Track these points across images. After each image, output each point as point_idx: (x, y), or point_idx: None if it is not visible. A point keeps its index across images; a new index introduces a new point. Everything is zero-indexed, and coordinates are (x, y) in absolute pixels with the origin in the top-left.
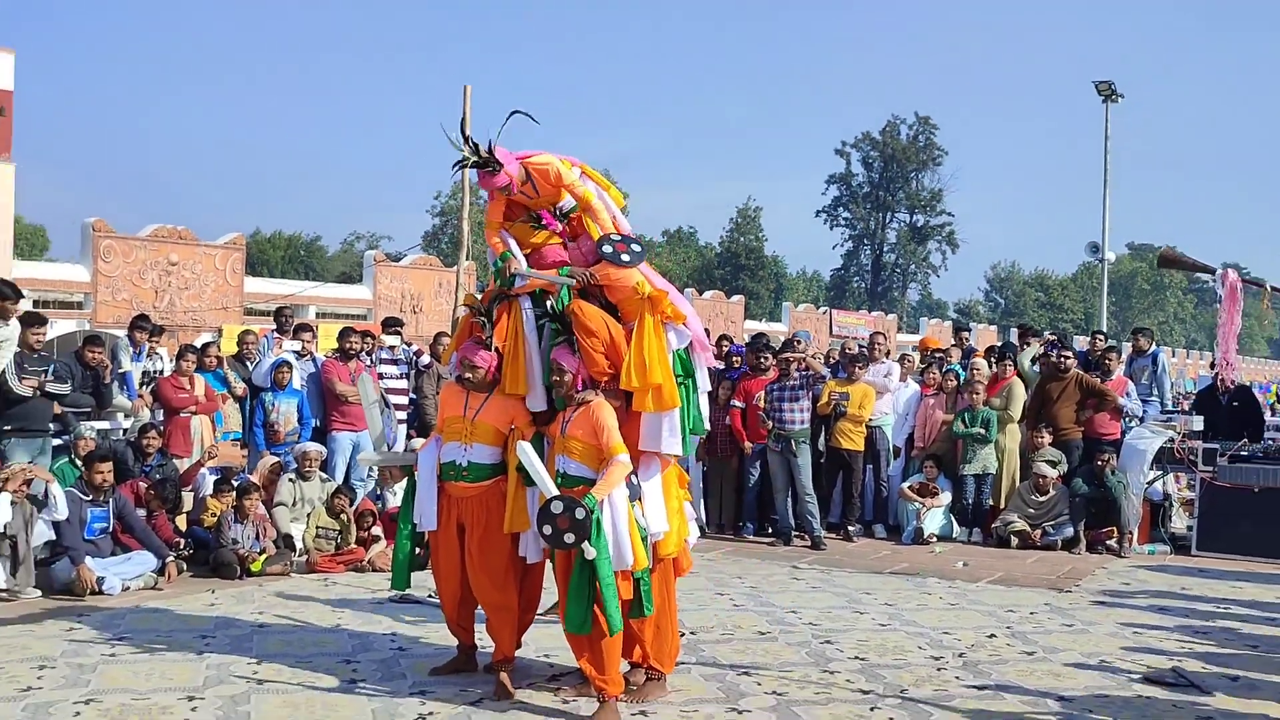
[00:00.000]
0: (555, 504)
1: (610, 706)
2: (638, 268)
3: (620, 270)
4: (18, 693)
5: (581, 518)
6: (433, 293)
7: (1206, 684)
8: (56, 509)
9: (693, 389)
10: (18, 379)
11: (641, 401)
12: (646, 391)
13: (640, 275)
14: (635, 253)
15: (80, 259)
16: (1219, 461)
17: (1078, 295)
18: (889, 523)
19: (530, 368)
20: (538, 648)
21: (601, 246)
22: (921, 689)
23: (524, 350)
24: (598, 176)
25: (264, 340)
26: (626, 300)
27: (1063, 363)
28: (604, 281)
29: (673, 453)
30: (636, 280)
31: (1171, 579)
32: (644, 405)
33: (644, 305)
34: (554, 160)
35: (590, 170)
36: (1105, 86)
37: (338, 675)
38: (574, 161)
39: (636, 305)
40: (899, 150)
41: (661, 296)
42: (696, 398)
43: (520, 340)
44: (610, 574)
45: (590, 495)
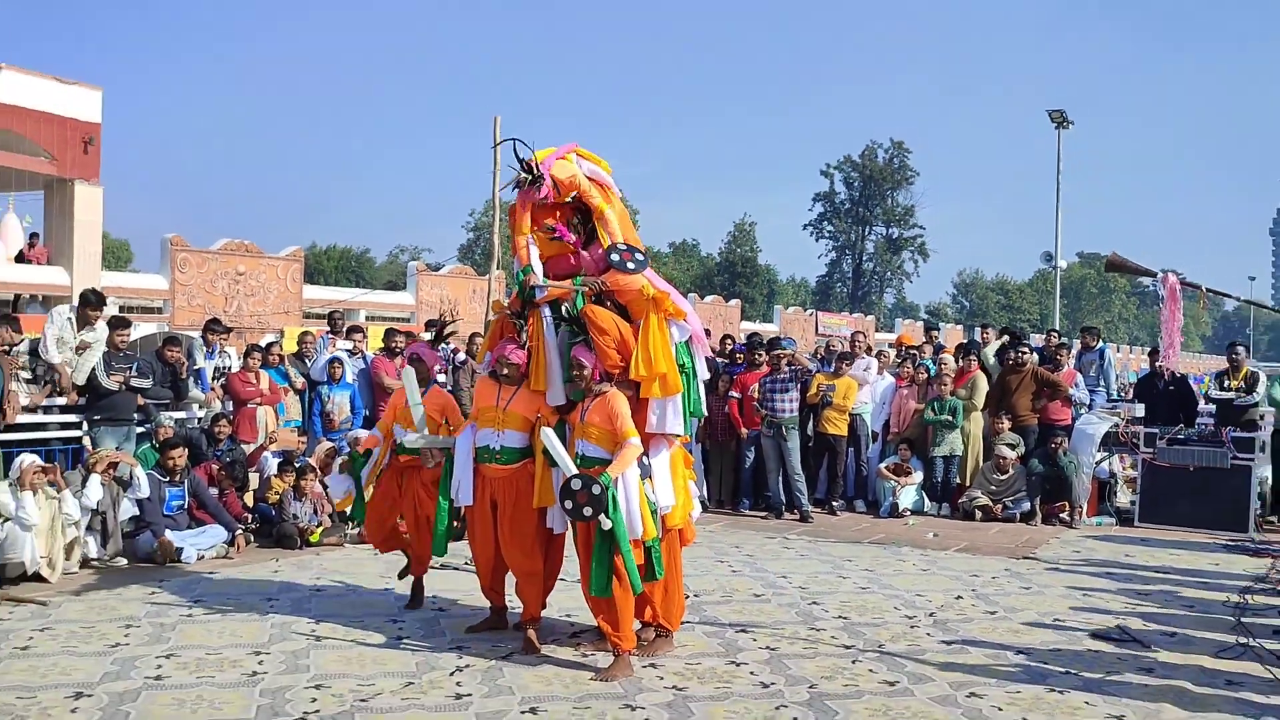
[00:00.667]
0: (575, 481)
1: (624, 659)
2: (642, 273)
3: (627, 276)
4: (107, 648)
5: (598, 493)
6: (468, 298)
7: (1148, 639)
8: (140, 488)
9: (693, 377)
10: (106, 375)
11: (649, 389)
12: (653, 380)
13: (645, 279)
14: (639, 261)
15: (159, 270)
16: (1158, 444)
17: (1034, 298)
18: (868, 499)
19: (550, 368)
20: (560, 608)
21: (610, 256)
22: (897, 644)
23: (544, 353)
24: (590, 155)
25: (320, 340)
26: (634, 301)
27: (1020, 357)
28: (613, 286)
29: (676, 432)
30: (642, 284)
31: (1116, 548)
32: (651, 392)
33: (649, 305)
34: (578, 172)
35: (584, 151)
36: (1057, 115)
37: (385, 633)
38: (572, 146)
39: (643, 305)
40: (876, 171)
41: (664, 297)
42: (696, 385)
43: (541, 344)
44: (628, 543)
45: (605, 474)
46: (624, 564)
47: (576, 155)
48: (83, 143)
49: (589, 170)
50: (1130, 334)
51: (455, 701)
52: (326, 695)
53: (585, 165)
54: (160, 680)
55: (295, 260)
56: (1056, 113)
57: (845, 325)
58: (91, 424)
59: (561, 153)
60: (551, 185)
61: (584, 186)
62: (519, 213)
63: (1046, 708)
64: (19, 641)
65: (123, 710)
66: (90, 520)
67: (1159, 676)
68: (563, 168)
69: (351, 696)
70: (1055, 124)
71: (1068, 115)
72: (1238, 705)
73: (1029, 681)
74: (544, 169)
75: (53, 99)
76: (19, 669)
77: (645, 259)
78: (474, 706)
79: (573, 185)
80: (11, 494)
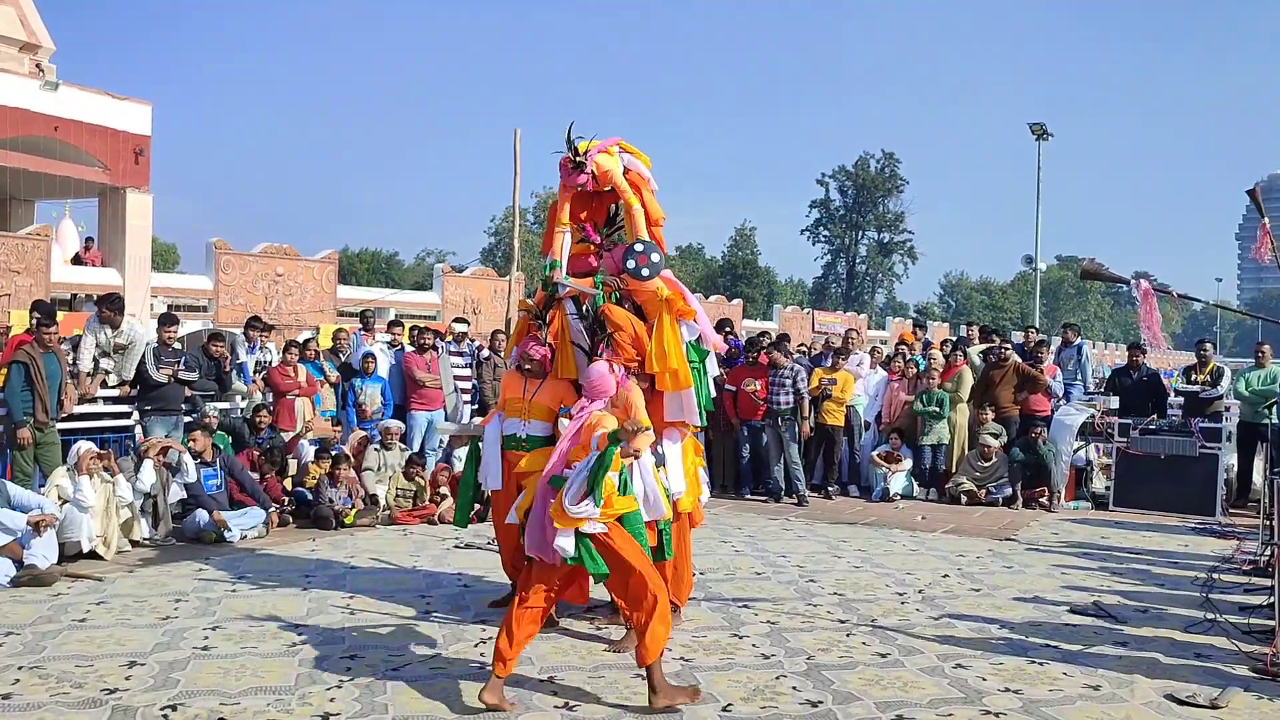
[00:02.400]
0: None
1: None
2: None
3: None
4: (158, 620)
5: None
6: (490, 298)
7: (1121, 615)
8: (188, 473)
9: (703, 372)
10: (155, 368)
11: (663, 382)
12: (665, 374)
13: (659, 282)
14: (654, 265)
15: (205, 271)
16: (1131, 434)
17: (1015, 298)
18: (861, 484)
19: (577, 356)
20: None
21: (626, 261)
22: (889, 619)
23: (569, 344)
24: (632, 149)
25: (353, 336)
26: (649, 302)
27: (1003, 353)
28: (630, 287)
29: (691, 422)
30: (656, 286)
31: (1093, 530)
32: (665, 385)
33: (662, 306)
34: (616, 168)
35: (626, 145)
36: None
37: (415, 607)
38: (615, 140)
39: (657, 305)
40: (869, 180)
41: (676, 299)
42: (707, 379)
43: (566, 336)
44: (640, 523)
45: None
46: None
47: (619, 148)
48: (134, 154)
49: (628, 162)
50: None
51: (479, 671)
52: (360, 665)
53: (625, 158)
54: (207, 650)
55: (330, 262)
56: (1037, 125)
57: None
58: (142, 414)
59: (605, 145)
60: (591, 175)
61: (619, 181)
62: (559, 203)
63: (1028, 678)
64: (77, 614)
65: (173, 678)
66: (143, 503)
67: (1132, 649)
68: (605, 160)
69: (384, 666)
70: (1035, 136)
71: (1047, 128)
72: (1205, 675)
73: (1011, 654)
74: (588, 158)
75: (106, 113)
76: (77, 639)
77: (661, 261)
78: None
79: (609, 178)
80: (70, 478)
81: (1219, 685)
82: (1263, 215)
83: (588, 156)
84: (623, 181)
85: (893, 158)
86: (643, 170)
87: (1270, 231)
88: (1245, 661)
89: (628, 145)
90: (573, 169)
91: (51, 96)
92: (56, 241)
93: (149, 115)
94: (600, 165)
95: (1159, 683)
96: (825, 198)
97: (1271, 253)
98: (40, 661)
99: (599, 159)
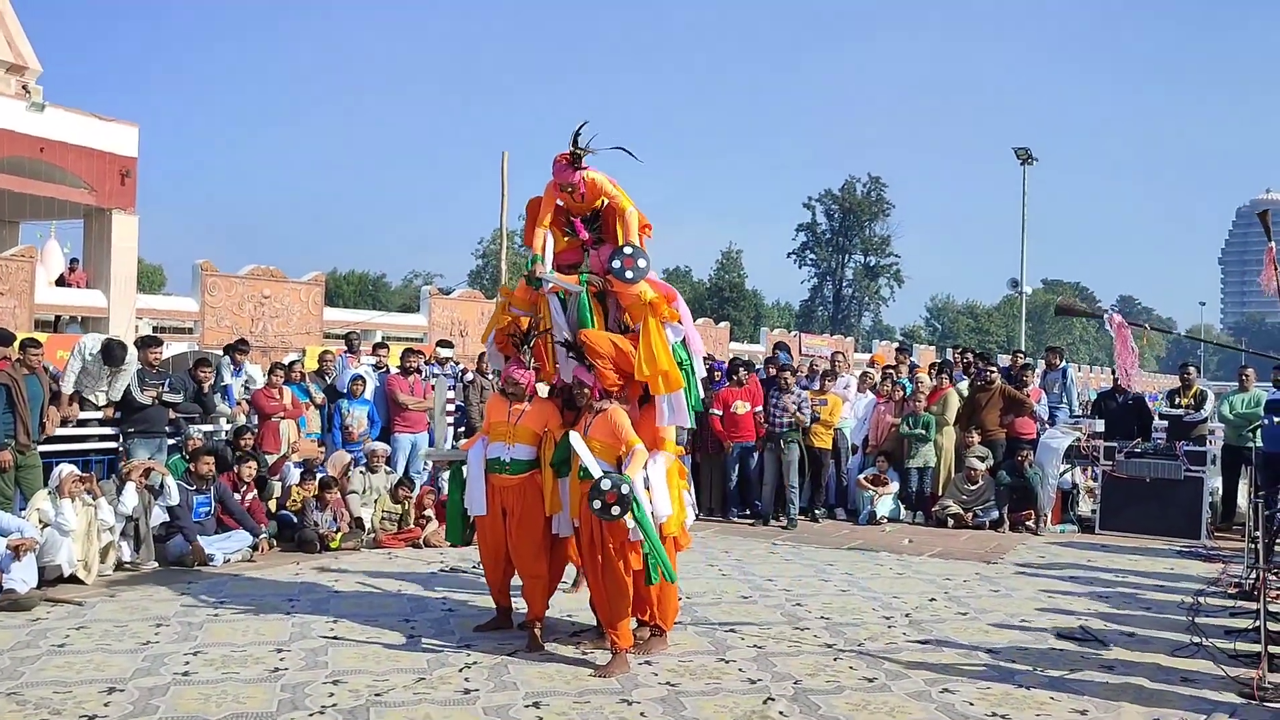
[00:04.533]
0: (605, 481)
1: (621, 657)
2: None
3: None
4: (139, 645)
5: (625, 493)
6: (477, 320)
7: (1108, 639)
8: (170, 496)
9: (692, 372)
10: (140, 390)
11: (655, 386)
12: (656, 377)
13: (644, 285)
14: (640, 269)
15: (191, 293)
16: (1117, 457)
17: (1001, 321)
18: (848, 507)
19: (560, 351)
20: (562, 609)
21: (612, 262)
22: (876, 643)
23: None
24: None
25: (339, 359)
26: (633, 305)
27: (988, 375)
28: (614, 289)
29: (682, 423)
30: (640, 290)
31: (1079, 553)
32: (656, 388)
33: (646, 309)
34: (605, 181)
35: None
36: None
37: (399, 632)
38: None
39: (641, 309)
40: (855, 204)
41: (660, 302)
42: (695, 380)
43: (552, 328)
44: (656, 535)
45: (626, 475)
46: (654, 556)
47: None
48: (120, 175)
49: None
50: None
51: (463, 696)
52: (343, 690)
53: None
54: (188, 676)
55: (316, 285)
56: (1021, 150)
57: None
58: (126, 436)
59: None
60: (584, 182)
61: (609, 190)
62: (544, 202)
63: (1014, 703)
64: (56, 639)
65: (153, 704)
66: (124, 526)
67: (1119, 674)
68: (597, 175)
69: (367, 691)
70: (1020, 160)
71: (1032, 152)
72: (1192, 701)
73: (998, 679)
74: (585, 167)
75: (93, 134)
76: (55, 665)
77: (648, 265)
78: (481, 701)
79: (599, 193)
80: (51, 501)
81: (1205, 710)
82: (1269, 238)
83: (583, 161)
84: (614, 189)
85: (879, 181)
86: None
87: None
88: (1232, 686)
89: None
90: (568, 165)
91: (38, 118)
92: (41, 263)
93: (136, 137)
94: (590, 179)
95: (1146, 708)
96: (812, 221)
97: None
98: (18, 688)
99: (590, 174)
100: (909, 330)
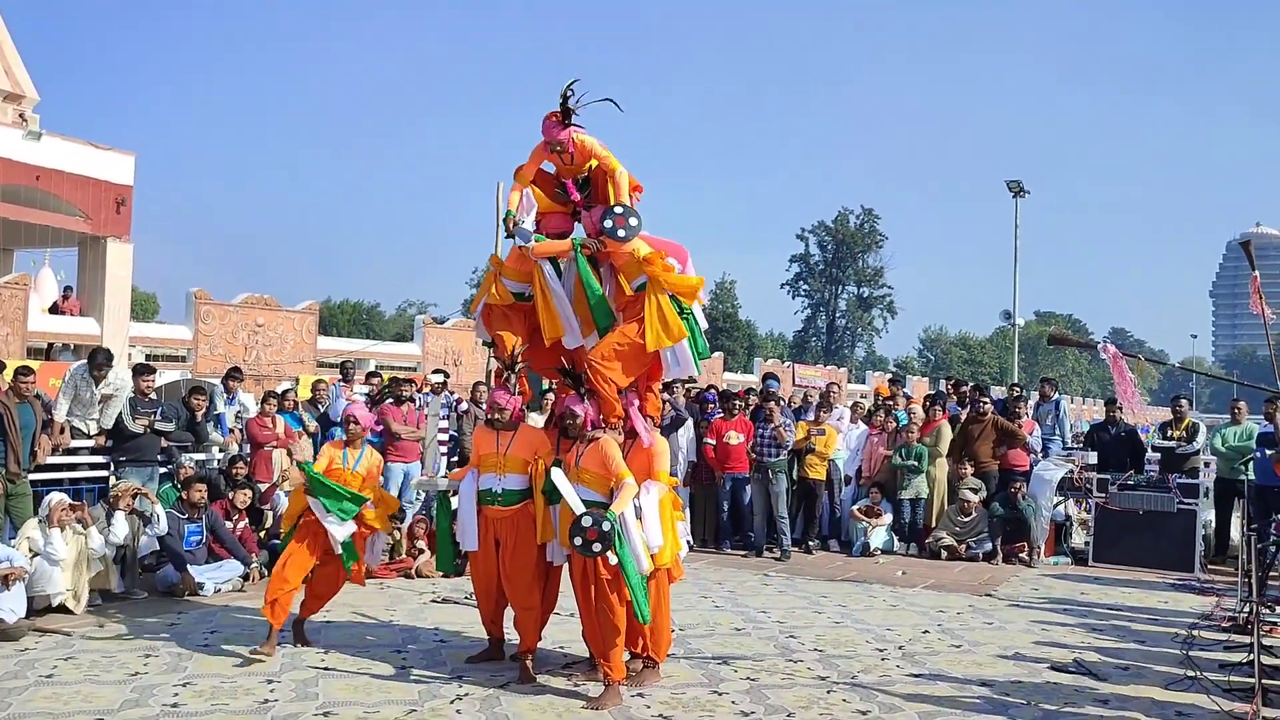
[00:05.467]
0: (585, 518)
1: (614, 689)
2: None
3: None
4: (127, 676)
5: (607, 530)
6: (470, 349)
7: (1102, 672)
8: (160, 525)
9: (695, 322)
10: (132, 418)
11: (657, 340)
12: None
13: (638, 242)
14: (632, 227)
15: (184, 320)
16: (1110, 489)
17: (994, 353)
18: (841, 539)
19: (561, 314)
20: (554, 640)
21: (604, 222)
22: (869, 675)
23: (552, 301)
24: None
25: (333, 388)
26: (627, 264)
27: (981, 407)
28: (608, 249)
29: (689, 373)
30: (633, 247)
31: (1072, 585)
32: (660, 342)
33: (640, 266)
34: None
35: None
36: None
37: (390, 663)
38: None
39: (636, 267)
40: (848, 235)
41: (654, 257)
42: (699, 329)
43: (548, 293)
44: (637, 574)
45: (611, 511)
46: (631, 595)
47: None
48: (115, 203)
49: None
50: (1083, 387)
51: None
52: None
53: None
54: (177, 708)
55: (310, 313)
56: (1014, 183)
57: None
58: (117, 465)
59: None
60: (573, 143)
61: (599, 151)
62: (530, 162)
63: None
64: (44, 670)
65: None
66: (114, 555)
67: (1113, 708)
68: (587, 136)
69: None
70: (1013, 193)
71: (1024, 185)
72: None
73: (991, 712)
74: (573, 131)
75: (89, 163)
76: (43, 696)
77: (639, 224)
78: None
79: (589, 155)
80: (41, 530)
81: None
82: (1253, 268)
83: (573, 131)
84: (604, 151)
85: (872, 213)
86: None
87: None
88: None
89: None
90: (557, 123)
91: (34, 146)
92: (35, 290)
93: (132, 165)
94: (580, 140)
95: None
96: (805, 252)
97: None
98: (5, 719)
99: (580, 135)
100: (902, 361)
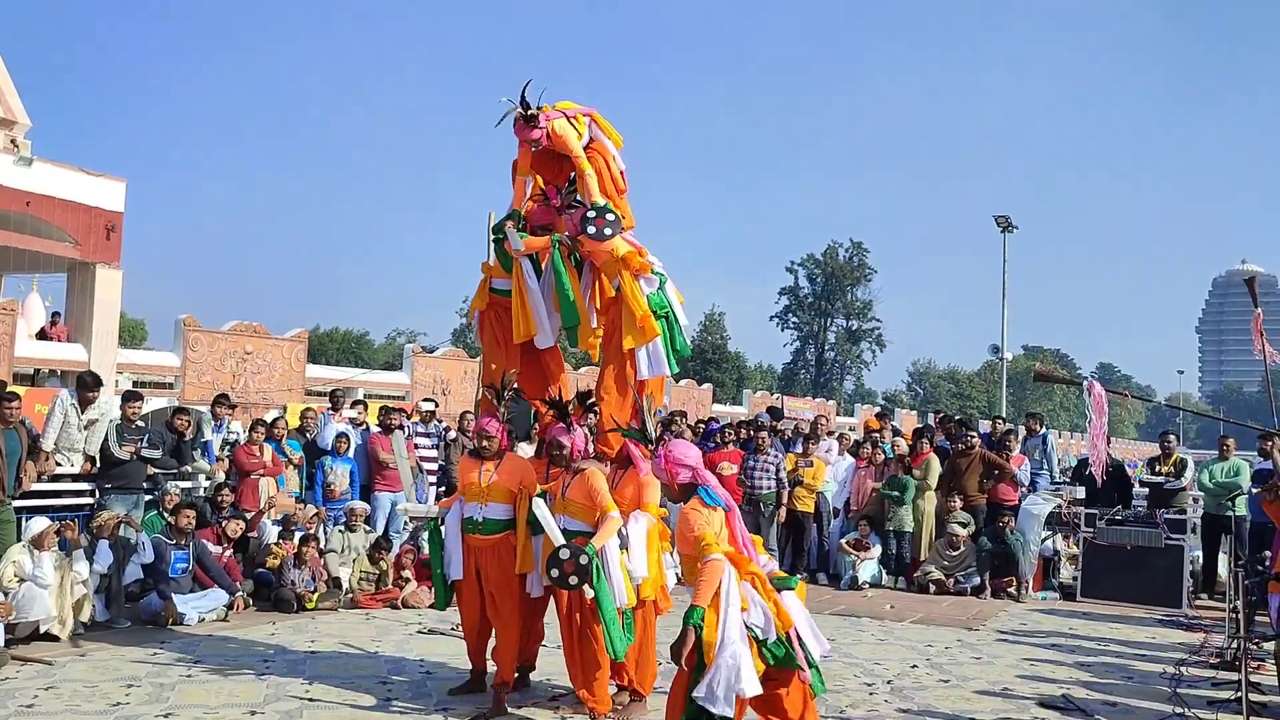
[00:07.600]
0: (563, 551)
1: None
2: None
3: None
4: (109, 707)
5: (584, 563)
6: (459, 379)
7: (1090, 708)
8: (144, 554)
9: (674, 319)
10: (118, 445)
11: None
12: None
13: (618, 240)
14: (611, 223)
15: (172, 347)
16: (1098, 524)
17: (982, 387)
18: (829, 572)
19: (535, 311)
20: (542, 672)
21: (585, 224)
22: (857, 710)
23: (528, 299)
24: (606, 125)
25: (322, 416)
26: (606, 263)
27: (969, 441)
28: (587, 249)
29: (661, 372)
30: (612, 246)
31: (1061, 620)
32: (634, 342)
33: (619, 265)
34: (571, 134)
35: (602, 120)
36: (1003, 220)
37: (375, 694)
38: (587, 111)
39: (614, 265)
40: (837, 268)
41: (632, 255)
42: (678, 326)
43: (525, 291)
44: (613, 610)
45: (590, 545)
46: (604, 631)
47: (592, 120)
48: (105, 229)
49: (595, 134)
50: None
51: None
52: None
53: (594, 129)
54: None
55: (299, 341)
56: (1002, 218)
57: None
58: (103, 492)
59: (578, 113)
60: (546, 134)
61: (573, 147)
62: (520, 157)
63: None
64: (24, 700)
65: None
66: (98, 583)
67: None
68: (561, 125)
69: None
70: (1001, 228)
71: (1012, 220)
72: None
73: None
74: (545, 118)
75: (80, 189)
76: None
77: (619, 222)
78: None
79: (564, 143)
80: (29, 554)
81: None
82: (1256, 305)
83: (546, 115)
84: (577, 148)
85: (861, 247)
86: (609, 146)
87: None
88: None
89: (602, 120)
90: (525, 124)
91: (25, 172)
92: (22, 316)
93: (123, 191)
94: (555, 129)
95: None
96: (794, 285)
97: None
98: None
99: (556, 124)
100: (891, 395)
